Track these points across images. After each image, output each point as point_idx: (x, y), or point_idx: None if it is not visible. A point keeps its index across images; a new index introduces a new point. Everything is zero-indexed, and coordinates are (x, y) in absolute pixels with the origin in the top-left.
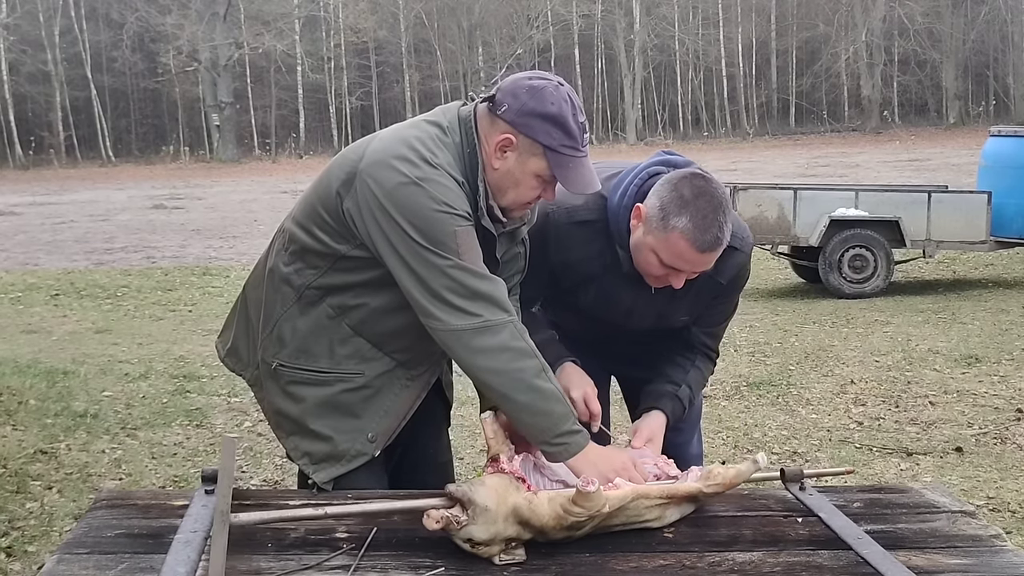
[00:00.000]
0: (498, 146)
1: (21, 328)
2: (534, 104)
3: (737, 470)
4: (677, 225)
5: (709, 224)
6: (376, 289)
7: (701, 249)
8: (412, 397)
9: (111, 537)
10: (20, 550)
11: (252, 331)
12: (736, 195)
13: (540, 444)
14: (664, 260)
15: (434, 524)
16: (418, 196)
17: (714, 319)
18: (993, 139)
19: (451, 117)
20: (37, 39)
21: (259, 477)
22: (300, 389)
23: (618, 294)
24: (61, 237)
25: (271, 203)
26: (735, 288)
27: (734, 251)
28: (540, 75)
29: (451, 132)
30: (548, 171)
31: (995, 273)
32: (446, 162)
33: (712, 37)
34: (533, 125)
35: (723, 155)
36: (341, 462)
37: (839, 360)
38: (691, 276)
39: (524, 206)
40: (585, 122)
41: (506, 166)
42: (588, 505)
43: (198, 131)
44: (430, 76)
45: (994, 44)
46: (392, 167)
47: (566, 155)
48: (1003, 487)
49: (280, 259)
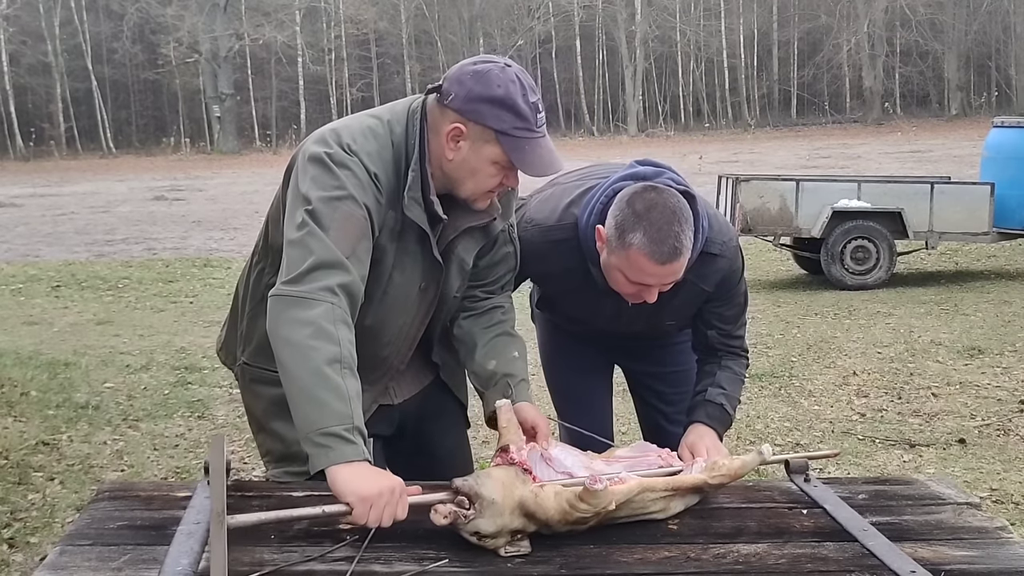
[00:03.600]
0: (449, 136)
1: (22, 320)
2: (480, 89)
3: (742, 461)
4: (633, 242)
5: (664, 235)
6: None
7: (661, 261)
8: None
9: (113, 529)
10: (22, 541)
11: (237, 326)
12: (738, 187)
13: (303, 439)
14: (630, 277)
15: (441, 520)
16: (320, 171)
17: (724, 320)
18: (996, 130)
19: (397, 110)
20: (37, 30)
21: (260, 469)
22: (260, 388)
23: (600, 305)
24: (62, 229)
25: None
26: (727, 291)
27: (714, 257)
28: (485, 59)
29: (390, 124)
30: (504, 156)
31: (998, 264)
32: (363, 151)
33: (714, 28)
34: (481, 110)
35: (724, 146)
36: (296, 463)
37: (841, 352)
38: (664, 288)
39: (486, 195)
40: (538, 101)
41: (460, 156)
42: (594, 502)
43: (199, 122)
44: (431, 67)
45: (996, 35)
46: (312, 149)
47: (520, 138)
48: (1006, 479)
49: (251, 260)
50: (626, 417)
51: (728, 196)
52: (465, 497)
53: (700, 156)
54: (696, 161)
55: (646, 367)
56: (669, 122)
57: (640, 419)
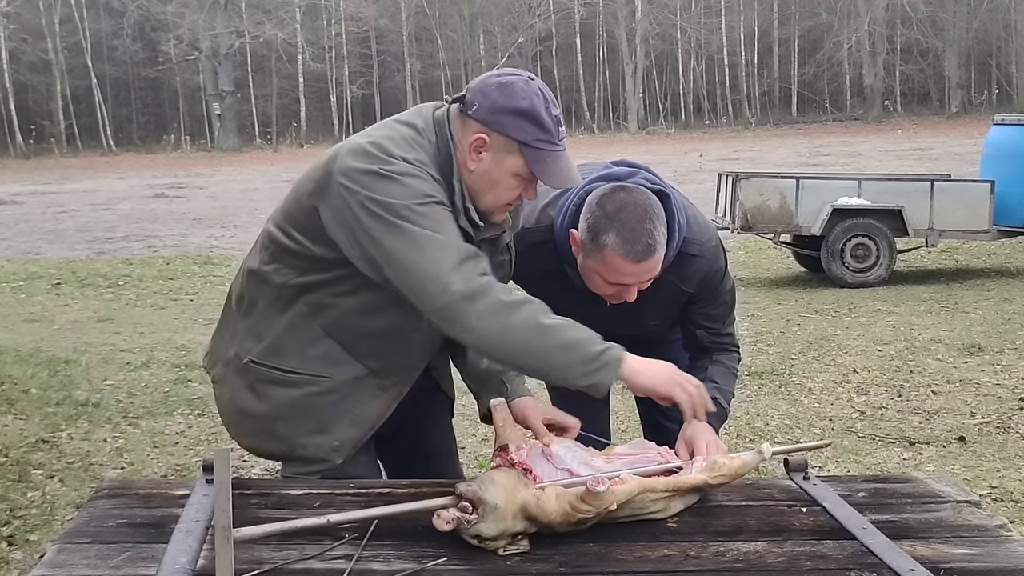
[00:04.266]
0: (472, 147)
1: (23, 317)
2: (504, 100)
3: (742, 460)
4: (607, 243)
5: (637, 234)
6: (350, 290)
7: (636, 260)
8: (381, 408)
9: (112, 527)
10: (22, 539)
11: (231, 328)
12: (739, 184)
13: (583, 377)
14: (607, 279)
15: (444, 525)
16: (394, 188)
17: (710, 319)
18: (996, 128)
19: (426, 118)
20: (37, 27)
21: (260, 467)
22: (267, 388)
23: (580, 307)
24: (62, 226)
25: (272, 192)
26: (710, 292)
27: (693, 258)
28: (509, 71)
29: (426, 133)
30: (526, 168)
31: (998, 262)
32: (420, 160)
33: (714, 26)
34: (505, 122)
35: (725, 144)
36: (302, 464)
37: (841, 349)
38: (643, 286)
39: (504, 208)
40: (559, 115)
41: (482, 167)
42: (596, 504)
43: (199, 120)
44: (431, 65)
45: (997, 33)
46: (366, 170)
47: (543, 150)
48: (1006, 476)
49: (261, 257)
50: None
51: (728, 194)
52: (468, 503)
53: (701, 154)
54: (696, 159)
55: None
56: (669, 120)
57: (640, 416)
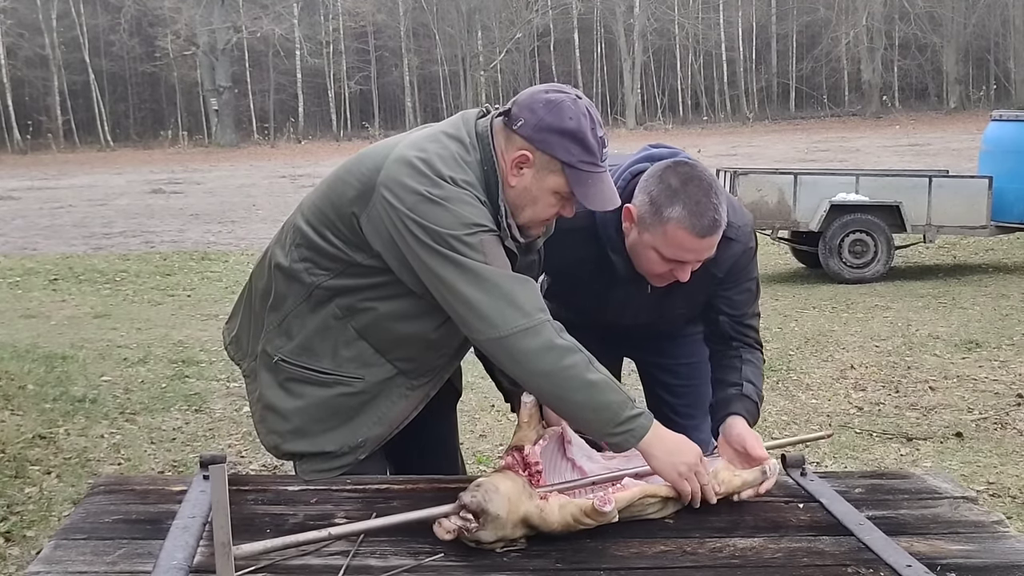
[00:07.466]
0: (514, 163)
1: (20, 313)
2: (552, 119)
3: (743, 479)
4: (672, 215)
5: (704, 208)
6: (387, 296)
7: (701, 234)
8: (409, 408)
9: (109, 522)
10: (19, 535)
11: (256, 321)
12: (736, 180)
13: (603, 437)
14: (665, 255)
15: (445, 535)
16: (442, 215)
17: (732, 305)
18: (994, 123)
19: (470, 130)
20: (34, 23)
21: (258, 462)
22: (298, 387)
23: (610, 297)
24: (59, 222)
25: (270, 188)
26: (736, 275)
27: (730, 241)
28: (558, 88)
29: (472, 149)
30: (567, 188)
31: (996, 258)
32: (468, 182)
33: (712, 21)
34: (551, 141)
35: (723, 140)
36: (326, 461)
37: (839, 345)
38: (695, 266)
39: (541, 223)
40: (604, 136)
41: (523, 183)
42: (600, 520)
43: (196, 115)
44: (429, 60)
45: (995, 28)
46: (413, 189)
47: (585, 171)
48: (1003, 472)
49: (291, 255)
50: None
51: (726, 189)
52: (472, 514)
53: (699, 149)
54: (695, 154)
55: (655, 358)
56: (667, 115)
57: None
